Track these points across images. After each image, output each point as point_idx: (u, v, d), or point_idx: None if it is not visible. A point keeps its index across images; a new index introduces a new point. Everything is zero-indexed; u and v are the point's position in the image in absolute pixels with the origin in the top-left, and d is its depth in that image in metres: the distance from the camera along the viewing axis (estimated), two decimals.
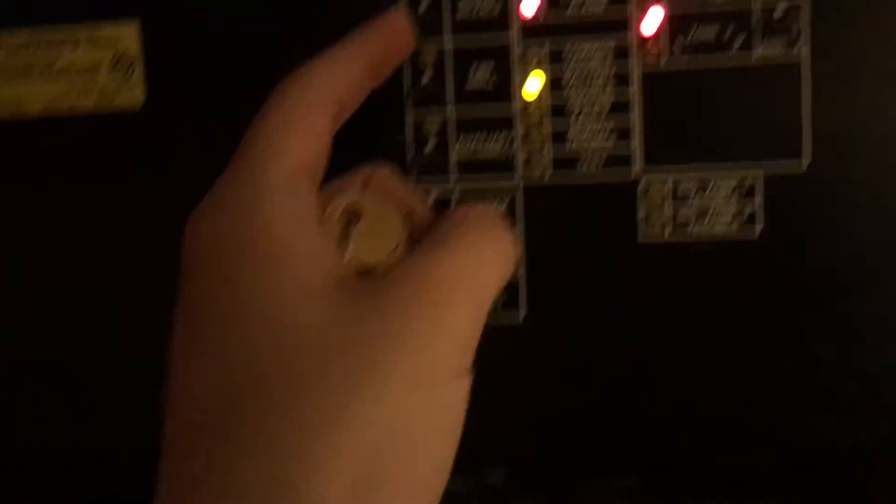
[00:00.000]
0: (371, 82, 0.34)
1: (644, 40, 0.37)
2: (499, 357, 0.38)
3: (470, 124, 0.39)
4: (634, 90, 0.37)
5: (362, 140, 0.39)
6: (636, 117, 0.37)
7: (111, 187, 0.42)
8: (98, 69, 0.41)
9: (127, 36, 0.41)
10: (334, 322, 0.26)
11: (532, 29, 0.38)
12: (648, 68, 0.37)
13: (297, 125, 0.30)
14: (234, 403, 0.25)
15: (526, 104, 0.38)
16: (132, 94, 0.41)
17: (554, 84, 0.38)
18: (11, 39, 0.42)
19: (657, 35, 0.37)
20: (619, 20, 0.37)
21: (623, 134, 0.38)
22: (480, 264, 0.28)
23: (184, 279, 0.28)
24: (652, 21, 0.37)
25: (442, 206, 0.39)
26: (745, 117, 0.37)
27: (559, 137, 0.38)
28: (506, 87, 0.38)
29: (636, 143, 0.37)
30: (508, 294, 0.39)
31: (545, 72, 0.38)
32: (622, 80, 0.38)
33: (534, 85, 0.38)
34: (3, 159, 0.43)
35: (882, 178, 0.36)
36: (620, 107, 0.38)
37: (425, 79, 0.39)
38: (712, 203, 0.37)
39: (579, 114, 0.38)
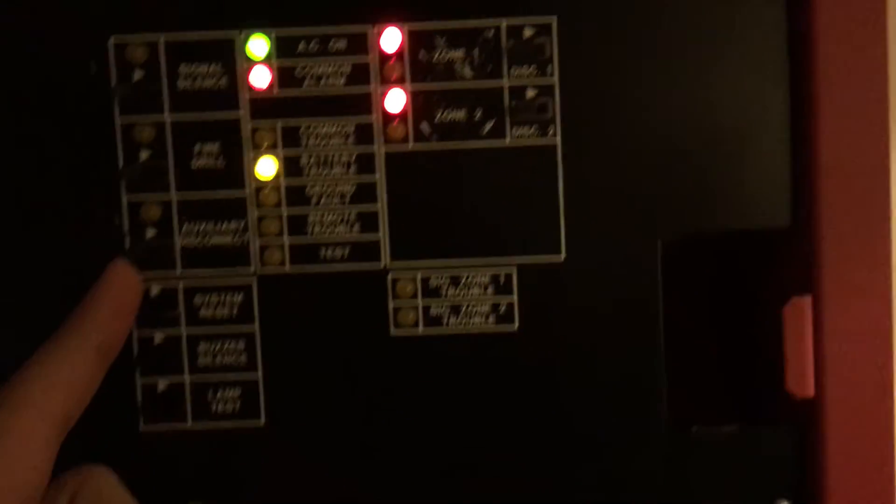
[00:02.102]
0: (105, 366, 0.30)
1: (389, 119, 0.33)
2: (240, 466, 0.35)
3: (196, 209, 0.34)
4: (379, 174, 0.34)
5: (75, 222, 0.34)
6: (381, 204, 0.34)
7: None
8: None
9: None
10: None
11: (264, 104, 0.34)
12: (393, 150, 0.34)
13: (5, 465, 0.26)
14: None
15: (259, 187, 0.34)
16: None
17: (290, 166, 0.34)
18: None
19: (403, 114, 0.33)
20: (362, 97, 0.33)
21: (368, 222, 0.34)
22: None
23: None
24: (397, 99, 0.33)
25: (168, 298, 0.34)
26: (498, 206, 0.34)
27: (298, 224, 0.34)
28: (236, 168, 0.34)
29: (382, 233, 0.34)
30: (247, 396, 0.35)
31: (280, 151, 0.34)
32: (365, 162, 0.34)
33: (267, 166, 0.34)
34: None
35: (633, 266, 0.34)
36: (364, 192, 0.34)
37: (143, 157, 0.34)
38: (466, 297, 0.34)
39: (320, 199, 0.34)
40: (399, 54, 0.33)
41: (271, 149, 0.34)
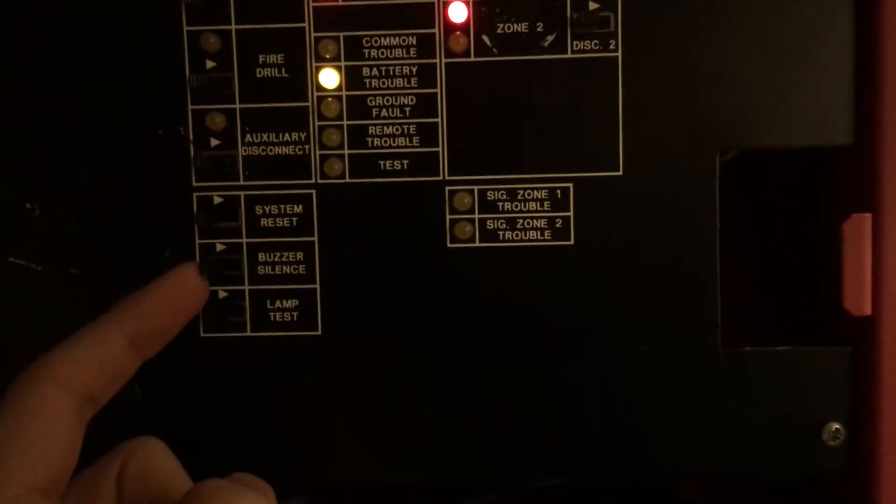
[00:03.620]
0: (138, 356, 0.31)
1: (450, 31, 0.34)
2: (298, 370, 0.35)
3: (259, 119, 0.35)
4: (439, 87, 0.34)
5: (141, 132, 0.34)
6: (441, 117, 0.34)
7: None
8: None
9: None
10: None
11: (328, 14, 0.34)
12: (454, 62, 0.34)
13: (31, 438, 0.26)
14: None
15: (321, 99, 0.34)
16: None
17: (352, 77, 0.34)
18: None
19: (465, 26, 0.34)
20: (424, 8, 0.34)
21: (427, 134, 0.34)
22: None
23: None
24: (459, 11, 0.33)
25: (230, 208, 0.35)
26: (557, 120, 0.34)
27: (359, 136, 0.35)
28: (299, 79, 0.34)
29: (441, 145, 0.34)
30: (305, 306, 0.35)
31: (343, 62, 0.34)
32: (426, 75, 0.34)
33: (330, 78, 0.34)
34: None
35: (691, 183, 0.34)
36: (424, 105, 0.34)
37: (208, 67, 0.34)
38: (522, 212, 0.35)
39: (380, 110, 0.34)
40: None
41: (334, 60, 0.34)
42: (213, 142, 0.35)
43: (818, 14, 0.33)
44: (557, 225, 0.35)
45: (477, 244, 0.35)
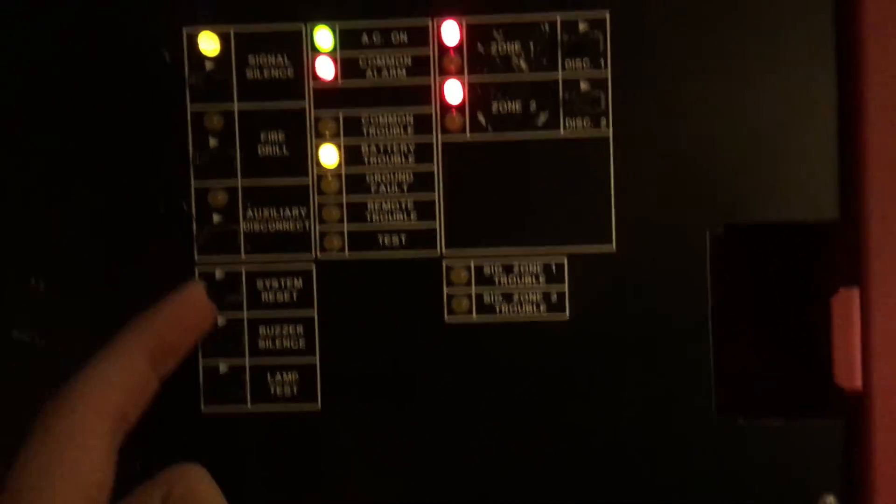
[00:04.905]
0: (159, 374, 0.31)
1: (446, 110, 0.35)
2: (297, 446, 0.36)
3: (260, 196, 0.35)
4: (436, 164, 0.35)
5: (144, 208, 0.35)
6: (438, 193, 0.35)
7: None
8: None
9: None
10: None
11: (328, 94, 0.35)
12: (451, 140, 0.35)
13: (67, 464, 0.26)
14: None
15: (321, 175, 0.35)
16: None
17: (351, 154, 0.35)
18: None
19: (460, 105, 0.35)
20: (421, 88, 0.35)
21: (424, 210, 0.35)
22: None
23: None
24: (455, 90, 0.35)
25: (231, 282, 0.36)
26: (550, 196, 0.35)
27: (358, 212, 0.35)
28: (299, 156, 0.35)
29: (438, 221, 0.35)
30: (305, 380, 0.36)
31: (342, 140, 0.35)
32: (423, 152, 0.35)
33: (330, 155, 0.35)
34: None
35: (683, 257, 0.35)
36: (421, 181, 0.35)
37: (211, 145, 0.35)
38: (518, 286, 0.35)
39: (378, 187, 0.35)
40: (458, 47, 0.35)
41: (334, 138, 0.35)
42: (216, 217, 0.35)
43: (802, 92, 0.34)
44: (553, 299, 0.35)
45: (474, 318, 0.35)
